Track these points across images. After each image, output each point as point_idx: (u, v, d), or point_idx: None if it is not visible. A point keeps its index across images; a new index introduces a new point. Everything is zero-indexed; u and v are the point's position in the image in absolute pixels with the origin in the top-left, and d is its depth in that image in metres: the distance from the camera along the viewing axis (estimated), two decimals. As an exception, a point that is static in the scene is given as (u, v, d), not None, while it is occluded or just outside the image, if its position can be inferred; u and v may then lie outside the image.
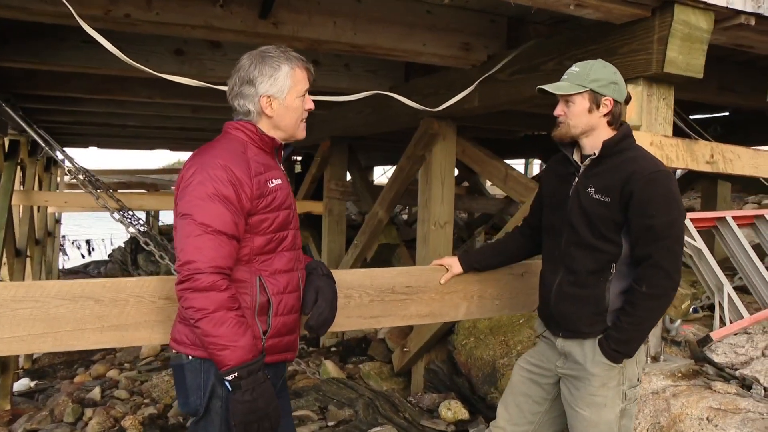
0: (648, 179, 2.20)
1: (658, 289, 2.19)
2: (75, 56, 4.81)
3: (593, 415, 2.30)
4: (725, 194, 7.34)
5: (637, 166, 2.24)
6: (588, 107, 2.29)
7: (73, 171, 5.84)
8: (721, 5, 3.17)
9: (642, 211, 2.19)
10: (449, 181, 5.73)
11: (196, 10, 3.70)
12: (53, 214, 13.30)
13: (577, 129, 2.33)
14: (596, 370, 2.29)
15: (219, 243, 1.89)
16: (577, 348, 2.35)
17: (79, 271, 17.32)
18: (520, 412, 2.55)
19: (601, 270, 2.30)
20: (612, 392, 2.30)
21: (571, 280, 2.36)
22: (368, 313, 2.68)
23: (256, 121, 2.09)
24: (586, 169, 2.36)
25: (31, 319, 2.17)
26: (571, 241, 2.37)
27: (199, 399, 1.99)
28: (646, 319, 2.23)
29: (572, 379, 2.38)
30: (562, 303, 2.39)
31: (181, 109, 8.12)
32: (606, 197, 2.26)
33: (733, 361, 3.27)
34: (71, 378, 8.10)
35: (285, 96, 2.07)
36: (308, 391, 5.32)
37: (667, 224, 2.18)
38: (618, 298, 2.29)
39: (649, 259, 2.19)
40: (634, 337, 2.25)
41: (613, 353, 2.25)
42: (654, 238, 2.18)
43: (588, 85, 2.28)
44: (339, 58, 5.48)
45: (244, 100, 2.06)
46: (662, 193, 2.20)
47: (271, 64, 2.05)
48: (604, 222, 2.27)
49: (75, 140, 12.47)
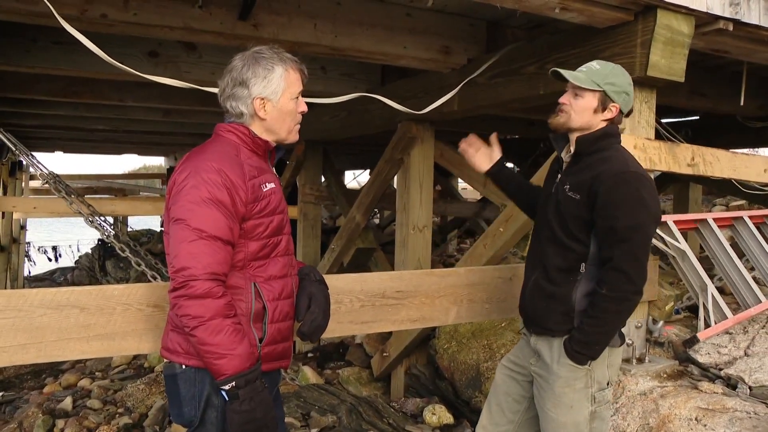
0: (615, 180, 2.17)
1: (619, 293, 2.15)
2: (45, 57, 4.70)
3: (560, 416, 2.28)
4: (696, 197, 7.47)
5: (607, 165, 2.22)
6: (595, 107, 2.28)
7: (44, 176, 5.69)
8: (702, 10, 3.21)
9: (606, 212, 2.17)
10: (427, 184, 5.72)
11: (174, 11, 3.63)
12: (18, 220, 12.98)
13: (576, 123, 2.31)
14: (561, 370, 2.28)
15: (214, 249, 1.84)
16: (546, 347, 2.35)
17: (45, 278, 16.89)
18: (501, 411, 2.54)
19: (570, 269, 2.29)
20: (578, 394, 2.27)
21: (543, 277, 2.36)
22: (359, 318, 2.65)
23: (249, 124, 2.04)
24: (567, 167, 2.37)
25: (13, 330, 2.09)
26: (546, 237, 2.37)
27: (193, 410, 1.93)
28: (609, 322, 2.20)
29: (540, 378, 2.37)
30: (534, 299, 2.39)
31: (152, 113, 7.98)
32: (577, 195, 2.25)
33: (716, 361, 3.31)
34: (40, 388, 7.86)
35: (279, 98, 2.03)
36: (289, 398, 5.25)
37: (631, 227, 2.14)
38: (585, 299, 2.26)
39: (611, 261, 2.16)
40: (596, 339, 2.22)
41: (577, 355, 2.23)
42: (617, 240, 2.15)
43: (603, 86, 2.26)
44: (315, 61, 5.43)
45: (237, 101, 2.01)
46: (627, 195, 2.16)
47: (265, 66, 2.00)
48: (574, 220, 2.26)
49: (41, 144, 12.22)
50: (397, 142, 5.72)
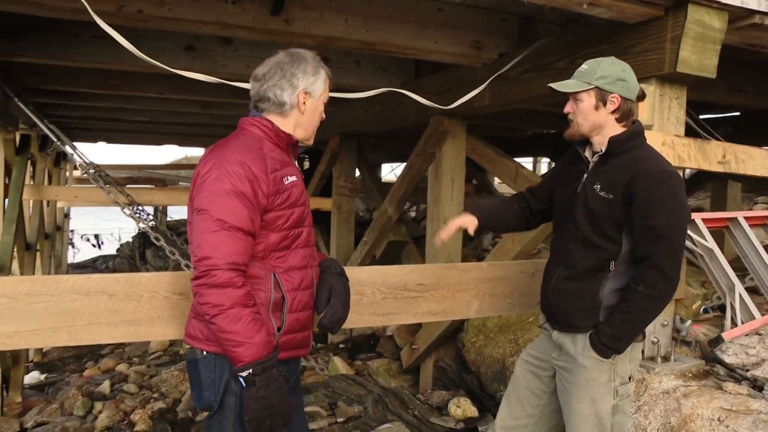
0: (653, 179, 2.19)
1: (655, 290, 2.19)
2: (85, 52, 4.84)
3: (584, 409, 2.31)
4: (735, 194, 7.31)
5: (643, 165, 2.23)
6: (594, 104, 2.30)
7: (83, 166, 5.86)
8: (736, 5, 3.15)
9: (644, 211, 2.18)
10: (459, 179, 5.73)
11: (207, 5, 3.71)
12: (62, 208, 13.37)
13: (585, 127, 2.33)
14: (586, 363, 2.31)
15: (235, 239, 1.90)
16: (569, 341, 2.38)
17: (87, 266, 17.39)
18: (521, 405, 2.57)
19: (600, 267, 2.31)
20: (602, 387, 2.30)
21: (569, 275, 2.38)
22: (380, 310, 2.69)
23: (285, 115, 2.11)
24: (595, 166, 2.37)
25: (46, 313, 2.19)
26: (572, 236, 2.38)
27: (213, 394, 2.00)
28: (640, 317, 2.24)
29: (564, 371, 2.40)
30: (558, 297, 2.41)
31: (190, 105, 8.15)
32: (610, 194, 2.26)
33: (744, 362, 3.26)
34: (81, 372, 8.14)
35: (318, 97, 2.15)
36: (317, 388, 5.33)
37: (670, 226, 2.17)
38: (612, 295, 2.29)
39: (649, 259, 2.18)
40: (625, 334, 2.25)
41: (603, 348, 2.26)
42: (655, 239, 2.17)
43: (594, 83, 2.29)
44: (349, 56, 5.49)
45: (282, 91, 2.09)
46: (666, 194, 2.19)
47: (314, 65, 2.14)
48: (607, 220, 2.28)
49: (83, 135, 12.53)
50: (429, 136, 5.74)
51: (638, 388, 3.12)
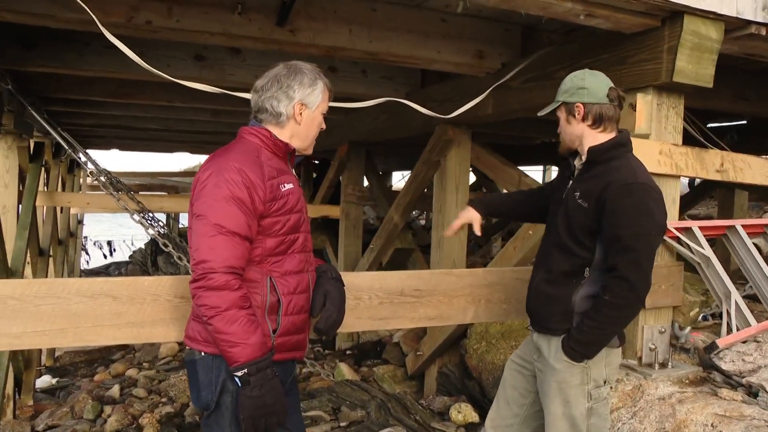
0: (622, 190, 2.23)
1: (620, 300, 2.23)
2: (98, 61, 4.96)
3: (557, 410, 2.38)
4: (742, 203, 7.32)
5: (616, 175, 2.28)
6: (566, 118, 2.41)
7: (94, 173, 5.97)
8: (732, 15, 3.19)
9: (612, 221, 2.24)
10: (464, 186, 5.78)
11: (214, 17, 3.80)
12: (75, 214, 13.52)
13: (567, 141, 2.46)
14: (558, 365, 2.38)
15: (232, 243, 1.97)
16: (545, 343, 2.46)
17: (100, 272, 17.57)
18: (508, 406, 2.65)
19: (574, 273, 2.38)
20: (575, 390, 2.36)
21: (547, 279, 2.46)
22: (378, 314, 2.75)
23: (282, 125, 2.18)
24: (578, 174, 2.45)
25: (53, 315, 2.27)
26: (552, 241, 2.47)
27: (210, 394, 2.07)
28: (607, 325, 2.29)
29: (540, 373, 2.49)
30: (537, 299, 2.50)
31: (200, 113, 8.26)
32: (585, 202, 2.33)
33: (740, 369, 3.29)
34: (91, 376, 8.25)
35: (314, 108, 2.21)
36: (322, 393, 5.39)
37: (635, 236, 2.20)
38: (584, 302, 2.36)
39: (615, 270, 2.23)
40: (593, 340, 2.32)
41: (572, 352, 2.33)
42: (621, 249, 2.22)
43: (559, 98, 2.41)
44: (356, 65, 5.57)
45: (279, 102, 2.16)
46: (632, 205, 2.22)
47: (311, 77, 2.19)
48: (581, 227, 2.35)
49: (97, 142, 12.70)
50: (434, 145, 5.81)
51: (634, 394, 3.15)
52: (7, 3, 3.39)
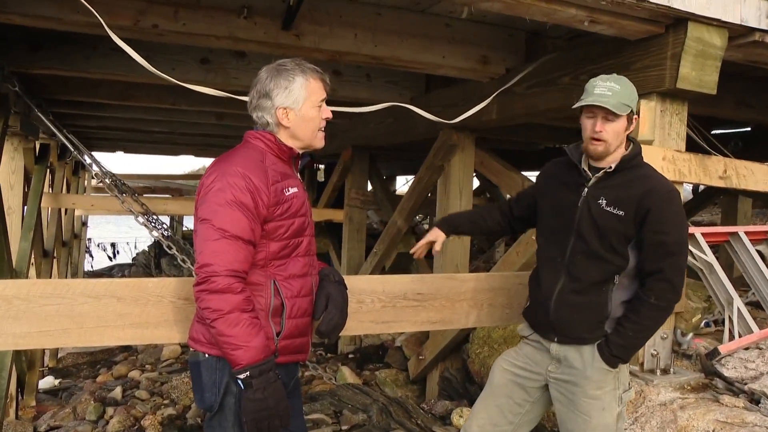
0: (665, 197, 2.29)
1: (664, 302, 2.30)
2: (104, 63, 4.98)
3: (594, 419, 2.37)
4: (746, 209, 7.31)
5: (654, 183, 2.33)
6: (626, 126, 2.34)
7: (99, 175, 6.00)
8: (735, 22, 3.20)
9: (658, 228, 2.27)
10: (467, 191, 5.79)
11: (220, 21, 3.82)
12: (80, 216, 13.56)
13: (614, 147, 2.35)
14: (595, 375, 2.37)
15: (236, 247, 1.98)
16: (574, 353, 2.41)
17: (103, 274, 17.59)
18: (501, 413, 2.58)
19: (605, 280, 2.37)
20: (609, 396, 2.38)
21: (574, 288, 2.40)
22: (380, 318, 2.76)
23: (276, 132, 2.18)
24: (598, 181, 2.39)
25: (57, 315, 2.28)
26: (578, 250, 2.40)
27: (213, 395, 2.08)
28: (649, 327, 2.36)
29: (566, 383, 2.43)
30: (563, 310, 2.42)
31: (205, 116, 8.29)
32: (620, 211, 2.31)
33: (743, 376, 3.29)
34: (94, 377, 8.26)
35: (300, 107, 2.15)
36: (324, 396, 5.40)
37: (679, 242, 2.31)
38: (620, 307, 2.37)
39: (660, 273, 2.28)
40: (635, 344, 2.37)
41: (613, 358, 2.34)
42: (666, 254, 2.28)
43: (632, 105, 2.31)
44: (360, 69, 5.59)
45: (262, 112, 2.15)
46: (676, 212, 2.31)
47: (286, 77, 2.13)
48: (616, 235, 2.33)
49: (102, 145, 12.74)
50: (437, 149, 5.82)
51: (636, 400, 3.15)
52: (14, 5, 3.42)
